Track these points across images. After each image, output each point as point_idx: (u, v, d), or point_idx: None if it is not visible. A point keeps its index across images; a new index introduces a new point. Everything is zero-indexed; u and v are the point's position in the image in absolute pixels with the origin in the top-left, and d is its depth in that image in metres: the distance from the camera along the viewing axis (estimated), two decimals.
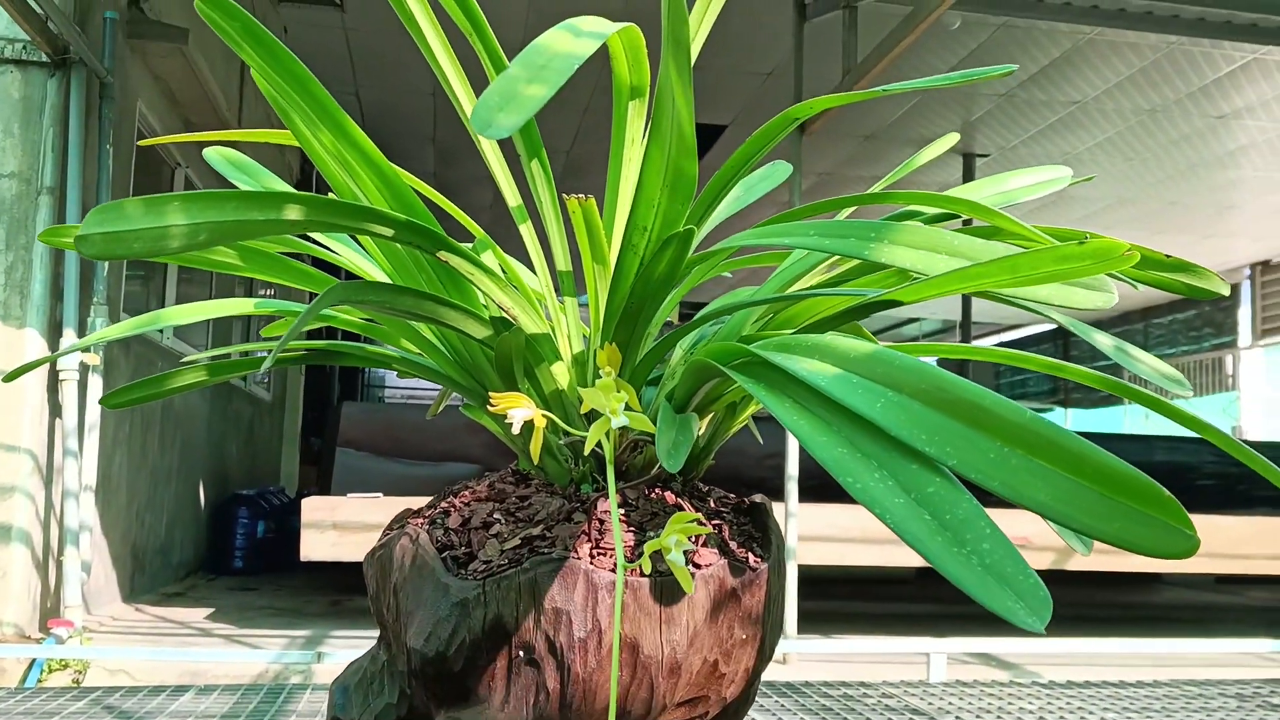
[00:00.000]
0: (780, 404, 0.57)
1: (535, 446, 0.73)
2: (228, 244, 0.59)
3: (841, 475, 0.51)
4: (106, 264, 3.72)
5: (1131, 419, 13.56)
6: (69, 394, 3.49)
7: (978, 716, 2.24)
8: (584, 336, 0.85)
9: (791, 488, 3.75)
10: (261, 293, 7.02)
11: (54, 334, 3.54)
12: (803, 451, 4.06)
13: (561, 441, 0.81)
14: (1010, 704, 2.38)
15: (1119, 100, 6.72)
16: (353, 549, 3.78)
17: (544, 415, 0.73)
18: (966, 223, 0.78)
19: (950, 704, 2.38)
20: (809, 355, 0.58)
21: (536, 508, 0.81)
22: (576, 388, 0.82)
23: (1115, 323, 13.96)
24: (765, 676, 2.99)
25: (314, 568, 6.24)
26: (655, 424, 0.67)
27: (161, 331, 4.94)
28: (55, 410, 3.55)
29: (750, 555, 0.81)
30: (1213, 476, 4.81)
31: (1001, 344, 15.17)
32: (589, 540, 0.77)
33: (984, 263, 0.57)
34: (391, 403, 13.01)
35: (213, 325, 6.07)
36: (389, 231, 0.68)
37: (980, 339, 13.77)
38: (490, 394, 0.72)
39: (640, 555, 0.78)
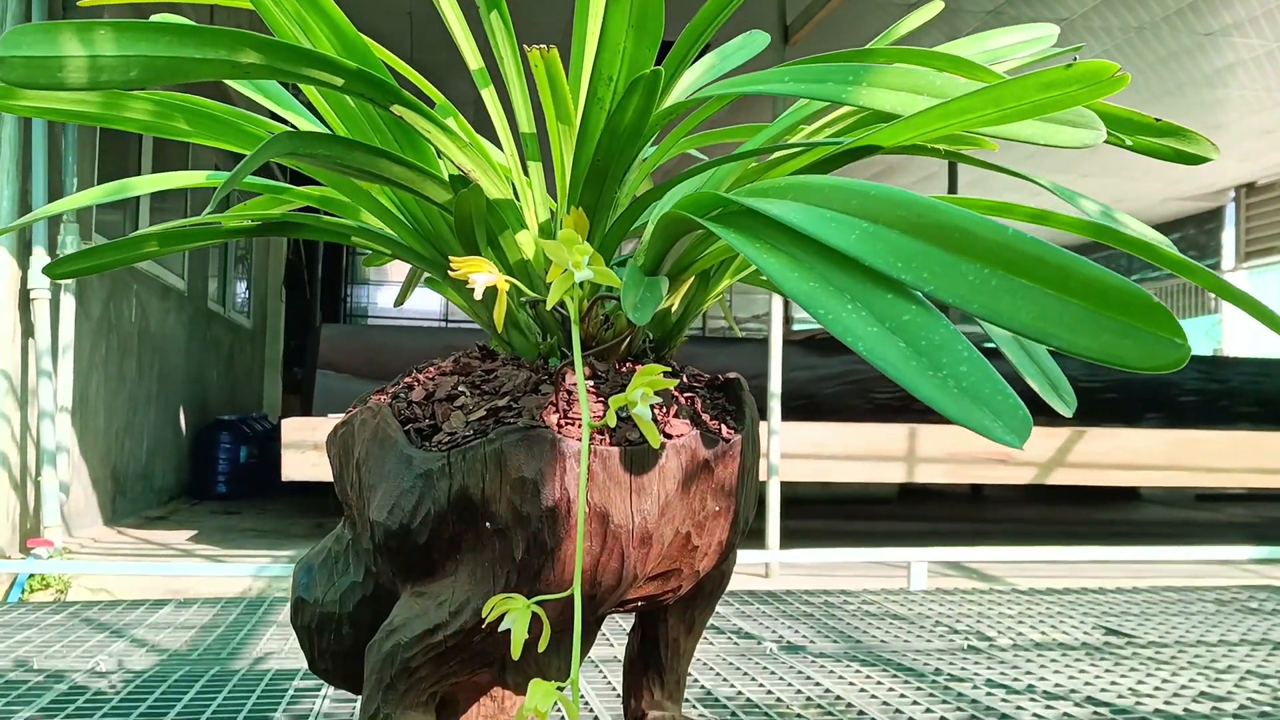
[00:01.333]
0: (751, 245, 0.54)
1: (499, 312, 0.70)
2: (162, 84, 0.55)
3: (813, 308, 0.48)
4: (76, 180, 3.65)
5: None
6: (41, 313, 3.44)
7: (958, 621, 2.25)
8: (551, 211, 0.82)
9: (774, 405, 3.74)
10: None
11: (24, 253, 3.48)
12: (785, 371, 4.05)
13: (526, 307, 0.78)
14: (990, 609, 2.40)
15: (1106, 17, 6.63)
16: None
17: (507, 280, 0.70)
18: None
19: (930, 609, 2.39)
20: (782, 196, 0.55)
21: (502, 380, 0.78)
22: (542, 256, 0.78)
23: (1099, 245, 13.94)
24: (747, 586, 3.00)
25: (297, 492, 6.24)
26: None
27: None
28: (28, 330, 3.50)
29: (723, 427, 0.79)
30: (1195, 393, 4.83)
31: None
32: (557, 411, 0.75)
33: (966, 95, 0.54)
34: (371, 325, 12.94)
35: (189, 252, 5.98)
36: (339, 80, 0.64)
37: None
38: (450, 259, 0.69)
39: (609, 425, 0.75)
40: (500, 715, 0.90)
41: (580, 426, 0.72)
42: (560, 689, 0.56)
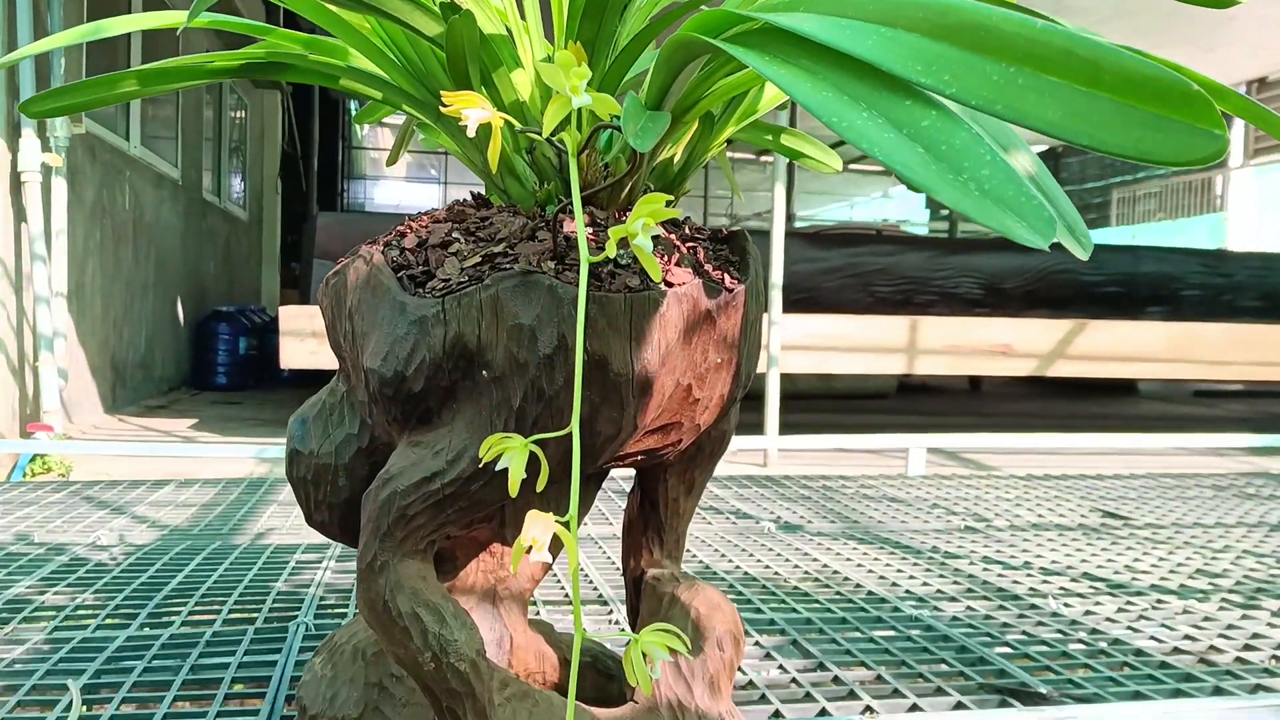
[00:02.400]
0: (762, 60, 0.51)
1: (494, 152, 0.67)
2: None
3: (826, 117, 0.45)
4: (63, 62, 3.56)
5: (1119, 239, 13.50)
6: (33, 197, 3.38)
7: (955, 504, 2.26)
8: (549, 55, 0.78)
9: (775, 296, 3.71)
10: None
11: (13, 135, 3.41)
12: (786, 264, 4.01)
13: (522, 153, 0.75)
14: (987, 493, 2.41)
15: None
16: (331, 358, 3.75)
17: (501, 117, 0.66)
18: None
19: (928, 493, 2.40)
20: (794, 8, 0.51)
21: (498, 227, 0.75)
22: (538, 97, 0.75)
23: None
24: (745, 472, 3.01)
25: (298, 383, 6.25)
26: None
27: (129, 139, 4.78)
28: (20, 214, 3.45)
29: (726, 277, 0.76)
30: (1198, 287, 4.80)
31: None
32: (554, 257, 0.72)
33: None
34: (368, 213, 12.80)
35: (183, 142, 5.89)
36: None
37: None
38: (443, 94, 0.65)
39: (610, 271, 0.73)
40: (500, 571, 0.89)
41: (578, 272, 0.69)
42: (559, 521, 0.55)
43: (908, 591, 1.51)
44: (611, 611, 1.39)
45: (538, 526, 0.54)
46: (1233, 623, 1.35)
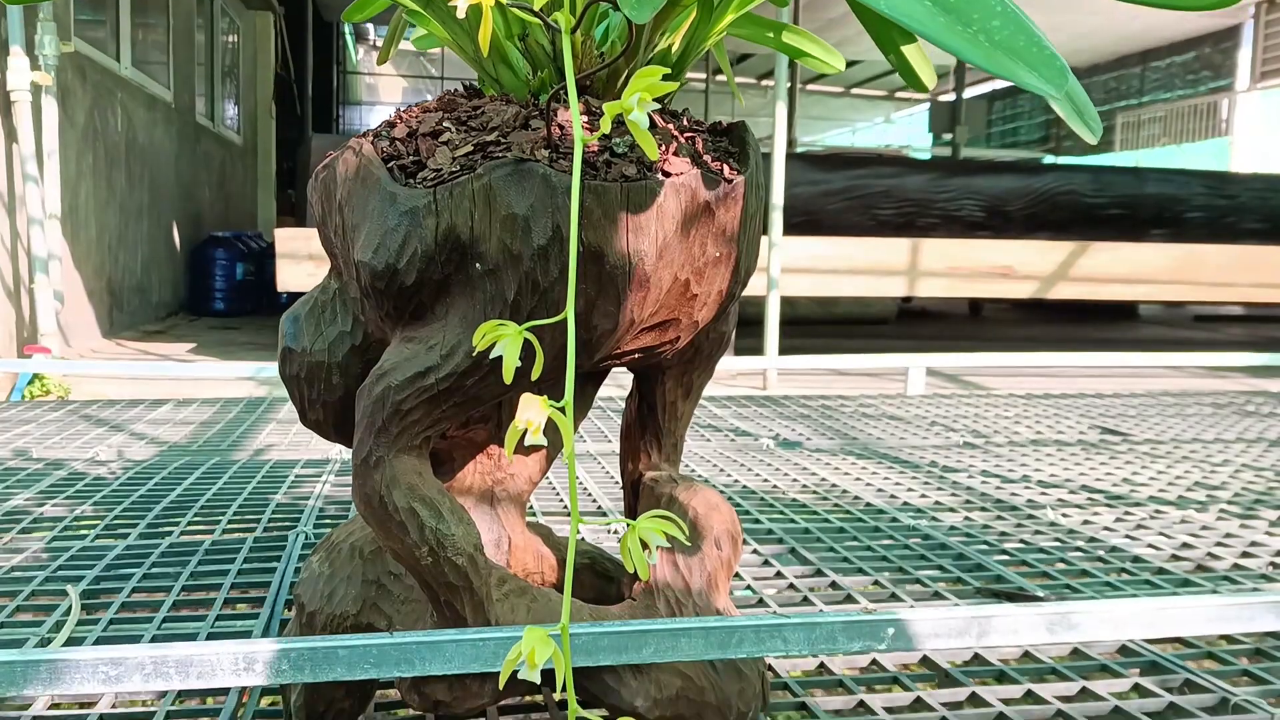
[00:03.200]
0: None
1: (484, 35, 0.65)
2: None
3: None
4: None
5: (1123, 162, 13.38)
6: (23, 116, 3.33)
7: (954, 422, 2.26)
8: None
9: (776, 218, 3.67)
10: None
11: (1, 53, 3.35)
12: (788, 187, 3.97)
13: (515, 40, 0.73)
14: (986, 411, 2.41)
15: None
16: None
17: None
18: None
19: (927, 411, 2.40)
20: None
21: (490, 116, 0.73)
22: None
23: (1112, 66, 13.56)
24: (743, 392, 3.00)
25: None
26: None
27: (119, 60, 4.70)
28: (10, 134, 3.40)
29: (726, 168, 0.74)
30: (1201, 209, 4.75)
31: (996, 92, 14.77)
32: (548, 146, 0.70)
33: None
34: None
35: (174, 64, 5.79)
36: None
37: (973, 85, 13.35)
38: None
39: (605, 161, 0.71)
40: (497, 473, 0.89)
41: (573, 160, 0.67)
42: (554, 406, 0.54)
43: (906, 504, 1.51)
44: (610, 523, 1.39)
45: (532, 409, 0.53)
46: (1231, 531, 1.35)
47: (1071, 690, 0.87)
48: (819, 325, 5.72)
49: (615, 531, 1.35)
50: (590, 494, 1.55)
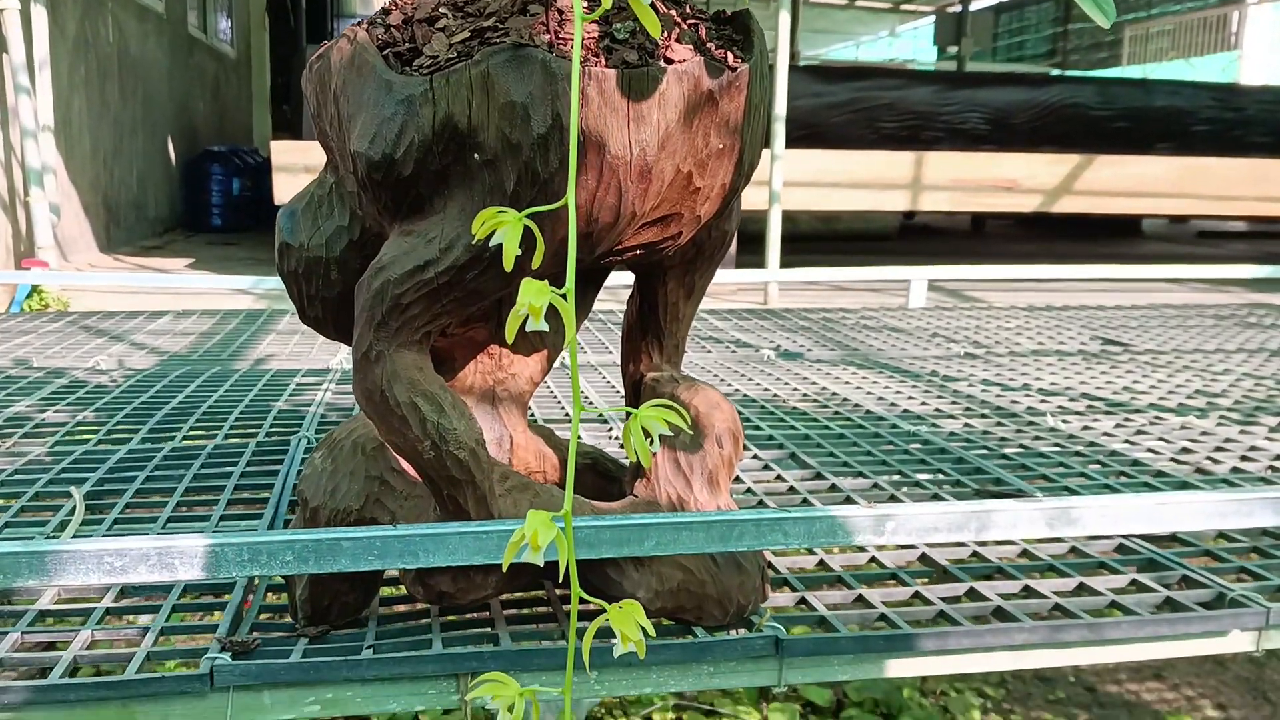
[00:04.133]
0: None
1: None
2: None
3: None
4: None
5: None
6: (12, 25, 3.27)
7: (955, 333, 2.26)
8: None
9: (779, 129, 3.63)
10: None
11: None
12: (790, 99, 3.91)
13: None
14: (987, 323, 2.40)
15: None
16: None
17: None
18: None
19: (928, 323, 2.40)
20: None
21: (487, 1, 0.71)
22: None
23: None
24: (743, 305, 2.98)
25: None
26: None
27: None
28: (0, 45, 3.35)
29: (729, 56, 0.73)
30: (1209, 122, 4.69)
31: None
32: (547, 31, 0.69)
33: None
34: None
35: None
36: None
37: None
38: None
39: (606, 47, 0.69)
40: (498, 372, 0.89)
41: (573, 45, 0.66)
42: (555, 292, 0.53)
43: (906, 411, 1.51)
44: (611, 429, 1.39)
45: (533, 293, 0.52)
46: (1230, 437, 1.36)
47: (1069, 586, 0.88)
48: (820, 242, 5.69)
49: (616, 436, 1.35)
50: (591, 401, 1.55)
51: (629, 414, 0.58)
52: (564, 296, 0.55)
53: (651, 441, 0.57)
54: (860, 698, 1.85)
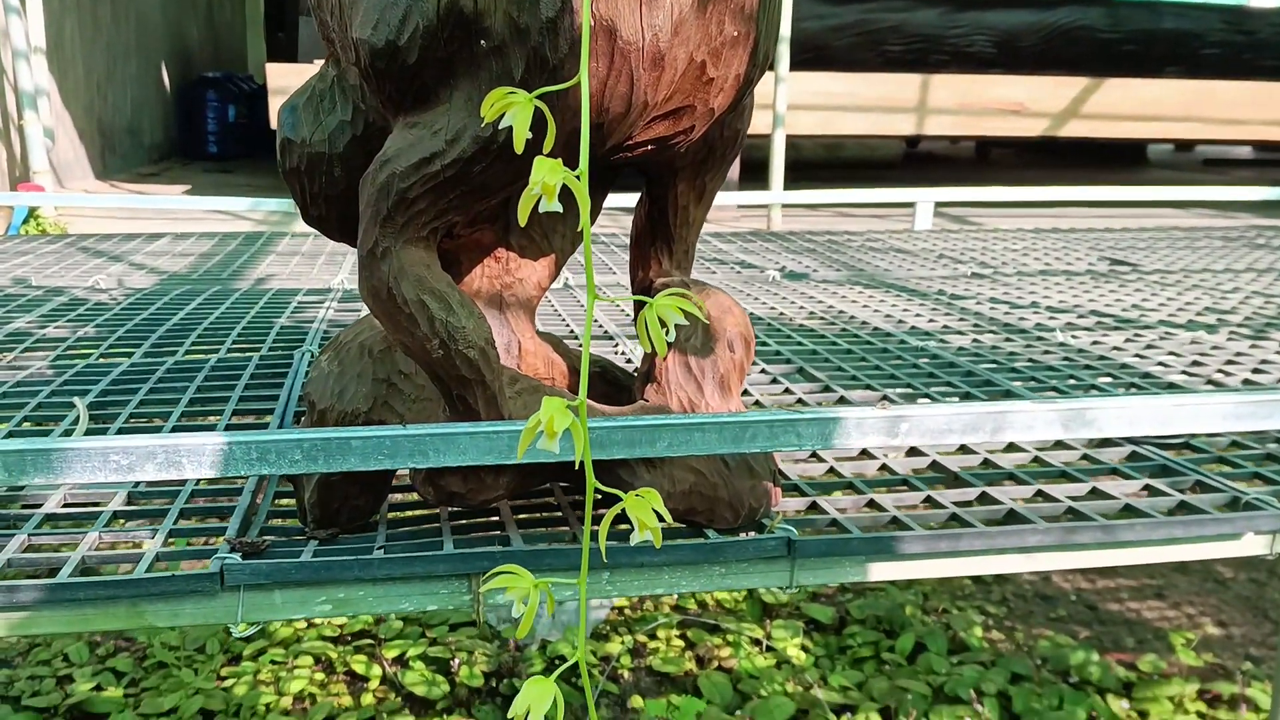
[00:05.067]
0: None
1: None
2: None
3: None
4: None
5: None
6: None
7: (961, 254, 2.24)
8: None
9: (783, 50, 3.57)
10: None
11: None
12: (794, 20, 3.84)
13: None
14: (994, 245, 2.38)
15: None
16: None
17: None
18: None
19: (934, 245, 2.37)
20: None
21: None
22: None
23: None
24: (746, 227, 2.96)
25: None
26: None
27: None
28: None
29: None
30: (1218, 45, 4.61)
31: None
32: None
33: None
34: None
35: None
36: None
37: None
38: None
39: None
40: (505, 276, 0.87)
41: None
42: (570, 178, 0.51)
43: (914, 328, 1.50)
44: (618, 345, 1.38)
45: (546, 170, 0.51)
46: (1241, 351, 1.35)
47: (1082, 490, 0.88)
48: (824, 169, 5.63)
49: (623, 352, 1.34)
50: (598, 320, 1.54)
51: (643, 304, 0.56)
52: (579, 178, 0.54)
53: (667, 331, 0.56)
54: (863, 615, 1.87)
